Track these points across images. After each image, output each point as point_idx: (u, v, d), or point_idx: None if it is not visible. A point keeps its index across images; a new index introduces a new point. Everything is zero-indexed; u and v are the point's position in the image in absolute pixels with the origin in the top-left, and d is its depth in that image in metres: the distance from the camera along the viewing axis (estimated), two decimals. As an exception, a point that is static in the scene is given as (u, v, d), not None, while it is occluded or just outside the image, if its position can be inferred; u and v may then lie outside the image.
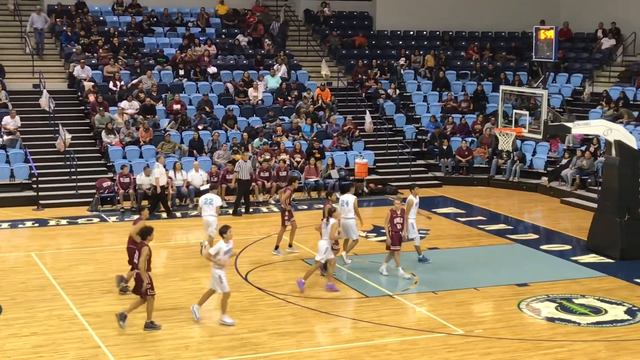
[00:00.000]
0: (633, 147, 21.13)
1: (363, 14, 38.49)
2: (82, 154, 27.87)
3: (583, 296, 17.52)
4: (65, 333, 15.19)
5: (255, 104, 31.25)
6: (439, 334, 15.31)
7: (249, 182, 25.41)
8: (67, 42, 32.41)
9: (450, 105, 33.05)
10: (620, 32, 35.08)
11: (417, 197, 19.68)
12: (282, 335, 15.12)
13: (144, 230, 15.56)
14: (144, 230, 15.54)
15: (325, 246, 17.68)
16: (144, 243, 15.24)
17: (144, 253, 15.05)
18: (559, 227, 24.00)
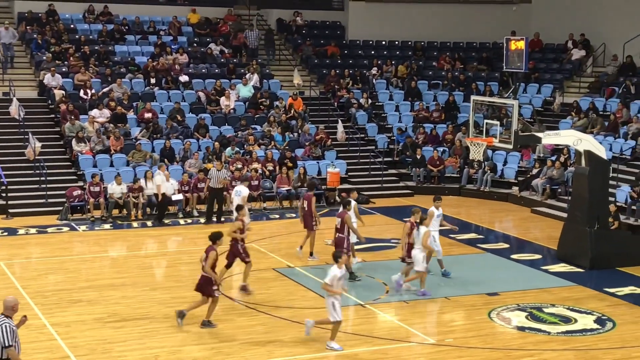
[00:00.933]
0: (602, 157, 21.31)
1: (335, 23, 38.56)
2: (52, 162, 27.66)
3: (553, 305, 17.61)
4: (34, 343, 15.04)
5: (227, 112, 31.19)
6: (410, 344, 15.33)
7: (220, 190, 25.33)
8: (38, 50, 32.18)
9: (422, 115, 33.16)
10: (589, 43, 35.39)
11: (440, 209, 19.26)
12: (253, 345, 15.07)
13: (215, 234, 15.99)
14: (215, 235, 15.96)
15: (421, 255, 17.96)
16: (213, 247, 15.73)
17: (212, 256, 15.56)
18: (530, 237, 24.13)
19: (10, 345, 11.05)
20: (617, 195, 25.18)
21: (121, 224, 24.85)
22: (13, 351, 11.11)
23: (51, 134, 29.31)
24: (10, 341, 11.05)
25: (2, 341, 11.03)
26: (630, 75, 32.37)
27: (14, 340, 11.11)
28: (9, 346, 11.06)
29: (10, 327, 11.11)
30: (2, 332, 11.03)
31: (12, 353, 11.11)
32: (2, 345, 11.05)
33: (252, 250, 21.91)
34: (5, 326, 11.07)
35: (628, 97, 31.08)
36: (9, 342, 11.04)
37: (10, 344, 11.05)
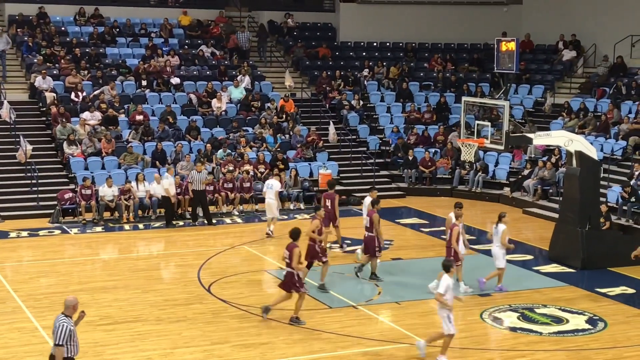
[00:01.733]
0: (593, 158, 21.38)
1: (326, 25, 38.57)
2: (44, 165, 27.61)
3: (545, 306, 17.65)
4: (26, 346, 15.04)
5: (218, 114, 31.17)
6: (402, 345, 15.34)
7: (203, 192, 25.29)
8: (29, 52, 32.12)
9: (414, 116, 33.20)
10: (580, 44, 35.48)
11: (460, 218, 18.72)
12: (246, 347, 15.07)
13: (295, 231, 16.42)
14: (295, 232, 16.40)
15: (500, 252, 18.29)
16: (295, 244, 16.14)
17: (296, 254, 15.93)
18: (521, 237, 24.16)
19: (60, 345, 11.21)
20: (608, 196, 25.24)
21: (113, 227, 24.82)
22: (61, 351, 11.27)
23: (42, 136, 29.26)
24: (62, 341, 11.22)
25: (55, 339, 11.22)
26: (621, 76, 32.47)
27: (66, 341, 11.27)
28: (59, 345, 11.23)
29: (68, 328, 11.28)
30: (59, 330, 11.24)
31: (59, 352, 11.27)
32: (55, 343, 11.23)
33: (244, 253, 21.98)
34: (64, 325, 11.27)
35: (619, 97, 31.16)
36: (60, 341, 11.21)
37: (60, 343, 11.21)
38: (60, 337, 11.19)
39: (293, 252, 16.01)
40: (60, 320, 11.32)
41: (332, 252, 22.15)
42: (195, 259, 21.16)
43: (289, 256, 16.09)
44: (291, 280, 16.15)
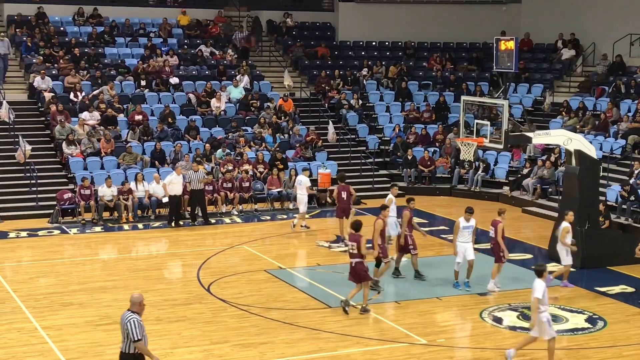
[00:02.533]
0: (593, 157, 21.38)
1: (325, 24, 38.57)
2: (43, 165, 27.60)
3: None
4: (26, 346, 15.02)
5: (217, 114, 31.17)
6: (401, 344, 15.34)
7: (201, 191, 25.29)
8: (27, 52, 32.11)
9: (413, 115, 33.20)
10: (579, 42, 35.49)
11: (471, 220, 18.52)
12: (245, 347, 15.07)
13: (357, 222, 16.83)
14: (357, 223, 16.80)
15: (564, 250, 18.47)
16: (360, 234, 16.61)
17: (363, 243, 16.49)
18: (521, 236, 24.16)
19: (139, 339, 11.31)
20: (607, 195, 25.25)
21: (112, 227, 24.82)
22: (142, 344, 11.37)
23: (41, 137, 29.25)
24: (139, 335, 11.32)
25: (131, 335, 11.30)
26: (620, 75, 32.47)
27: (142, 334, 11.38)
28: (138, 340, 11.31)
29: (138, 322, 11.38)
30: (131, 326, 11.32)
31: (140, 346, 11.37)
32: (132, 339, 11.32)
33: (243, 252, 21.98)
34: (133, 321, 11.35)
35: (618, 96, 31.17)
36: (137, 336, 11.31)
37: (139, 337, 11.31)
38: (135, 333, 11.32)
39: (360, 242, 16.52)
40: (129, 316, 11.43)
41: (329, 251, 22.20)
42: (195, 259, 21.16)
43: (357, 247, 16.57)
44: (362, 269, 16.68)
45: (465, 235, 18.45)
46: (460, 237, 18.42)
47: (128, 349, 11.41)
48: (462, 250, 18.44)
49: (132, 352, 11.39)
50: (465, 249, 18.47)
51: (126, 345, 11.42)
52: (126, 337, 11.40)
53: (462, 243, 18.43)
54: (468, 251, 18.46)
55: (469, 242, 18.53)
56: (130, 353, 11.40)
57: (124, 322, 11.44)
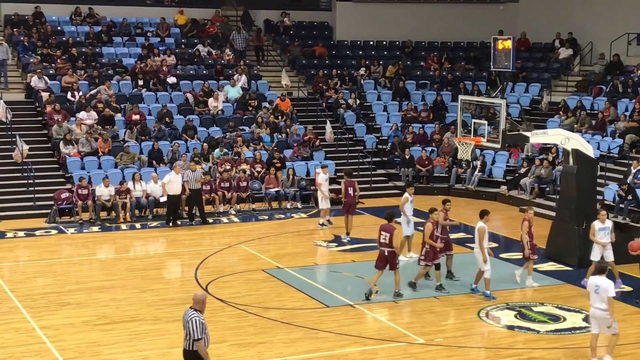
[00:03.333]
0: (590, 156, 21.38)
1: (323, 24, 38.57)
2: (40, 165, 27.58)
3: (542, 304, 17.65)
4: (23, 346, 15.00)
5: (215, 114, 31.15)
6: (399, 343, 15.33)
7: (198, 191, 25.28)
8: (25, 52, 32.08)
9: (410, 115, 33.21)
10: (577, 42, 35.52)
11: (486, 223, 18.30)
12: (243, 347, 15.06)
13: (390, 213, 17.71)
14: (390, 213, 17.67)
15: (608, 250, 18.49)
16: (392, 225, 17.42)
17: (396, 235, 17.37)
18: (518, 236, 24.00)
19: (199, 339, 11.33)
20: (605, 194, 25.26)
21: (109, 227, 24.80)
22: (202, 344, 11.39)
23: (39, 136, 29.22)
24: (200, 334, 11.33)
25: (191, 334, 11.32)
26: (617, 74, 32.50)
27: (203, 333, 11.39)
28: (199, 339, 11.33)
29: (200, 321, 11.38)
30: (192, 325, 11.33)
31: (200, 346, 11.39)
32: (193, 338, 11.34)
33: (241, 252, 21.97)
34: (195, 320, 11.36)
35: (615, 95, 31.19)
36: (198, 335, 11.33)
37: (199, 337, 11.33)
38: (196, 332, 11.34)
39: (394, 233, 17.27)
40: (191, 315, 11.44)
41: (327, 250, 22.20)
42: (192, 259, 21.15)
43: (389, 237, 17.19)
44: (394, 259, 17.34)
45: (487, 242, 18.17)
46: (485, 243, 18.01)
47: (190, 347, 11.46)
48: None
49: (194, 349, 11.44)
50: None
51: (188, 342, 11.48)
52: (188, 335, 11.45)
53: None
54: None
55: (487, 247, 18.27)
56: (193, 350, 11.46)
57: (186, 320, 11.49)
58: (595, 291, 13.97)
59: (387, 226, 17.43)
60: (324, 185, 24.71)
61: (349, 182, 23.29)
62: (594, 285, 14.02)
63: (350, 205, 23.16)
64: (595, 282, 14.05)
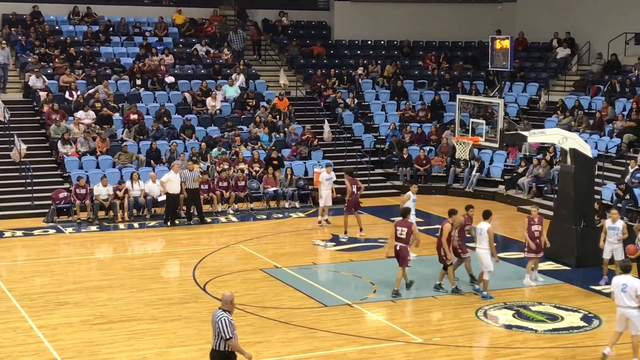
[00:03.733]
0: (588, 155, 21.39)
1: (321, 23, 38.57)
2: (38, 164, 27.55)
3: (540, 303, 17.66)
4: (21, 346, 15.00)
5: (213, 113, 31.15)
6: (397, 343, 15.34)
7: (196, 190, 25.27)
8: (22, 51, 32.06)
9: (408, 114, 33.21)
10: (574, 41, 35.54)
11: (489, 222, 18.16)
12: (241, 346, 15.00)
13: (405, 209, 18.48)
14: (405, 210, 18.42)
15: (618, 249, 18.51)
16: (410, 221, 18.13)
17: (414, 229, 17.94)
18: (516, 235, 24.16)
19: (230, 338, 11.41)
20: (602, 193, 25.27)
21: (107, 226, 24.79)
22: (234, 342, 11.47)
23: (37, 136, 29.20)
24: (230, 333, 11.42)
25: (222, 334, 11.40)
26: (615, 73, 32.52)
27: (232, 332, 11.47)
28: (229, 338, 11.42)
29: (229, 320, 11.47)
30: (222, 324, 11.42)
31: (233, 344, 11.48)
32: (224, 338, 11.42)
33: (239, 251, 21.97)
34: (224, 319, 11.46)
35: (613, 95, 31.21)
36: (228, 334, 11.41)
37: (229, 336, 11.41)
38: (227, 331, 11.42)
39: (411, 228, 17.79)
40: (220, 315, 11.52)
41: (325, 250, 22.21)
42: (190, 258, 21.15)
43: (407, 232, 17.71)
44: (405, 254, 17.82)
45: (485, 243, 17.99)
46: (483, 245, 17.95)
47: (219, 347, 11.52)
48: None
49: (223, 349, 11.51)
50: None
51: (217, 342, 11.54)
52: (217, 335, 11.51)
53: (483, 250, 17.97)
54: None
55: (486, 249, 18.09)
56: (221, 350, 11.52)
57: (214, 320, 11.54)
58: (623, 290, 13.93)
59: (404, 222, 17.90)
60: (324, 184, 24.76)
61: (352, 180, 23.70)
62: (620, 285, 13.98)
63: (355, 202, 23.53)
64: (622, 281, 14.02)
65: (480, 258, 17.88)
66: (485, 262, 17.80)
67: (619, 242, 18.60)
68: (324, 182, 24.88)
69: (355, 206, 23.70)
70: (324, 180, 24.90)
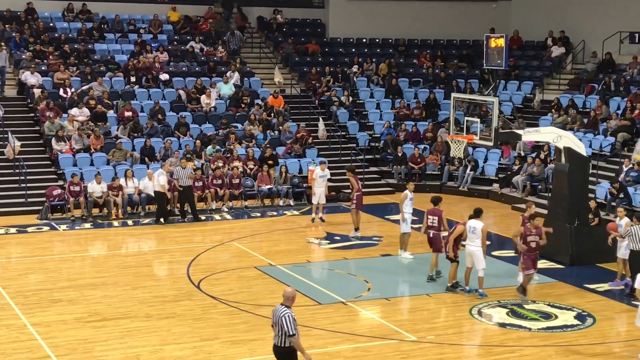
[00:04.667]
0: (582, 154, 21.42)
1: (316, 21, 38.55)
2: (32, 161, 27.49)
3: (534, 302, 17.67)
4: (15, 343, 14.97)
5: (208, 111, 31.12)
6: (391, 341, 15.35)
7: (189, 188, 25.24)
8: (17, 48, 31.99)
9: (403, 112, 33.21)
10: (569, 40, 35.57)
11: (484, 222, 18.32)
12: (235, 343, 15.05)
13: (436, 197, 19.14)
14: (436, 198, 19.10)
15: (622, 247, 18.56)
16: (441, 209, 18.71)
17: (443, 217, 18.60)
18: (510, 233, 24.13)
19: (293, 334, 11.41)
20: (597, 192, 25.32)
21: (102, 223, 24.76)
22: (296, 339, 11.46)
23: (31, 133, 29.15)
24: (294, 330, 11.42)
25: (286, 330, 11.40)
26: (609, 72, 32.56)
27: (296, 328, 11.46)
28: (293, 335, 11.41)
29: (292, 317, 11.44)
30: (286, 321, 11.39)
31: (296, 341, 11.47)
32: (288, 334, 11.41)
33: (233, 249, 21.96)
34: (288, 316, 11.42)
35: (607, 94, 31.26)
36: (292, 330, 11.41)
37: (293, 332, 11.41)
38: (290, 327, 11.40)
39: (441, 216, 18.44)
40: (282, 311, 11.48)
41: (319, 248, 22.21)
42: (185, 256, 21.13)
43: (437, 220, 18.39)
44: (439, 239, 18.41)
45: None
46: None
47: (282, 343, 11.51)
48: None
49: (287, 345, 11.50)
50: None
51: (280, 339, 11.52)
52: (280, 331, 11.49)
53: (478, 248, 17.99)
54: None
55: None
56: (285, 347, 11.52)
57: (277, 316, 11.51)
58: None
59: (434, 210, 18.58)
60: (317, 181, 24.76)
61: (355, 176, 23.63)
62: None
63: (361, 199, 23.34)
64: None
65: (472, 255, 17.83)
66: (479, 259, 17.79)
67: (622, 239, 18.60)
68: (317, 179, 24.85)
69: (361, 203, 23.42)
70: (317, 177, 24.87)
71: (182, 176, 24.98)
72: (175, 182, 25.19)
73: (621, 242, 18.67)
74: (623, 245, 18.60)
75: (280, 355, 11.64)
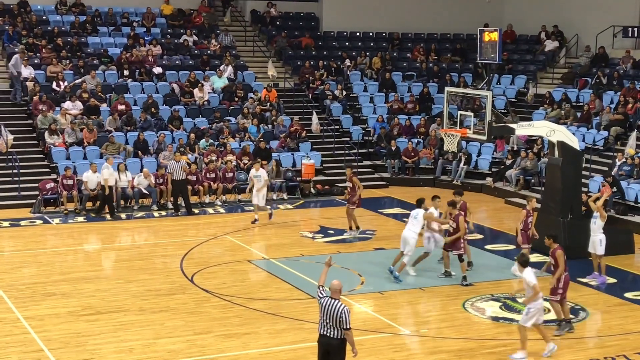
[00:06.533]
0: (575, 148, 21.47)
1: (309, 14, 38.48)
2: (25, 155, 27.45)
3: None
4: (8, 337, 14.96)
5: (201, 104, 31.08)
6: (385, 334, 15.37)
7: (183, 181, 25.19)
8: (9, 41, 31.90)
9: (397, 106, 33.22)
10: (562, 34, 35.61)
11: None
12: (229, 337, 15.06)
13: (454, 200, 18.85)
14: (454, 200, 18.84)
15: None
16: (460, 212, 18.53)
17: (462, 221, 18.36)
18: (504, 227, 24.25)
19: (349, 328, 11.40)
20: (589, 186, 25.37)
21: (95, 217, 24.70)
22: (351, 334, 11.47)
23: (24, 126, 29.08)
24: (350, 324, 11.40)
25: (344, 324, 11.39)
26: (602, 66, 32.61)
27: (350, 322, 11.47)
28: (349, 329, 11.40)
29: (348, 310, 11.44)
30: (346, 315, 11.37)
31: (350, 336, 11.48)
32: (344, 328, 11.38)
33: (227, 243, 21.95)
34: (347, 310, 11.40)
35: (600, 88, 31.31)
36: (348, 324, 11.41)
37: (350, 326, 11.40)
38: (347, 321, 11.40)
39: (459, 220, 18.19)
40: (340, 305, 11.44)
41: (313, 242, 22.22)
42: (178, 249, 21.13)
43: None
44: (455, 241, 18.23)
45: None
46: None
47: (336, 335, 11.48)
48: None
49: (340, 337, 11.48)
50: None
51: (334, 331, 11.48)
52: (335, 323, 11.41)
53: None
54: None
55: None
56: (338, 338, 11.51)
57: (333, 309, 11.42)
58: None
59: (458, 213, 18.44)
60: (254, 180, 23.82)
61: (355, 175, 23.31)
62: None
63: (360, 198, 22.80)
64: None
65: (405, 240, 18.33)
66: (411, 244, 18.24)
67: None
68: (253, 179, 23.87)
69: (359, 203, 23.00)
70: (252, 177, 23.89)
71: (175, 169, 24.94)
72: (168, 176, 25.15)
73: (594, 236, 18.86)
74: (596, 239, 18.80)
75: (331, 346, 11.62)
